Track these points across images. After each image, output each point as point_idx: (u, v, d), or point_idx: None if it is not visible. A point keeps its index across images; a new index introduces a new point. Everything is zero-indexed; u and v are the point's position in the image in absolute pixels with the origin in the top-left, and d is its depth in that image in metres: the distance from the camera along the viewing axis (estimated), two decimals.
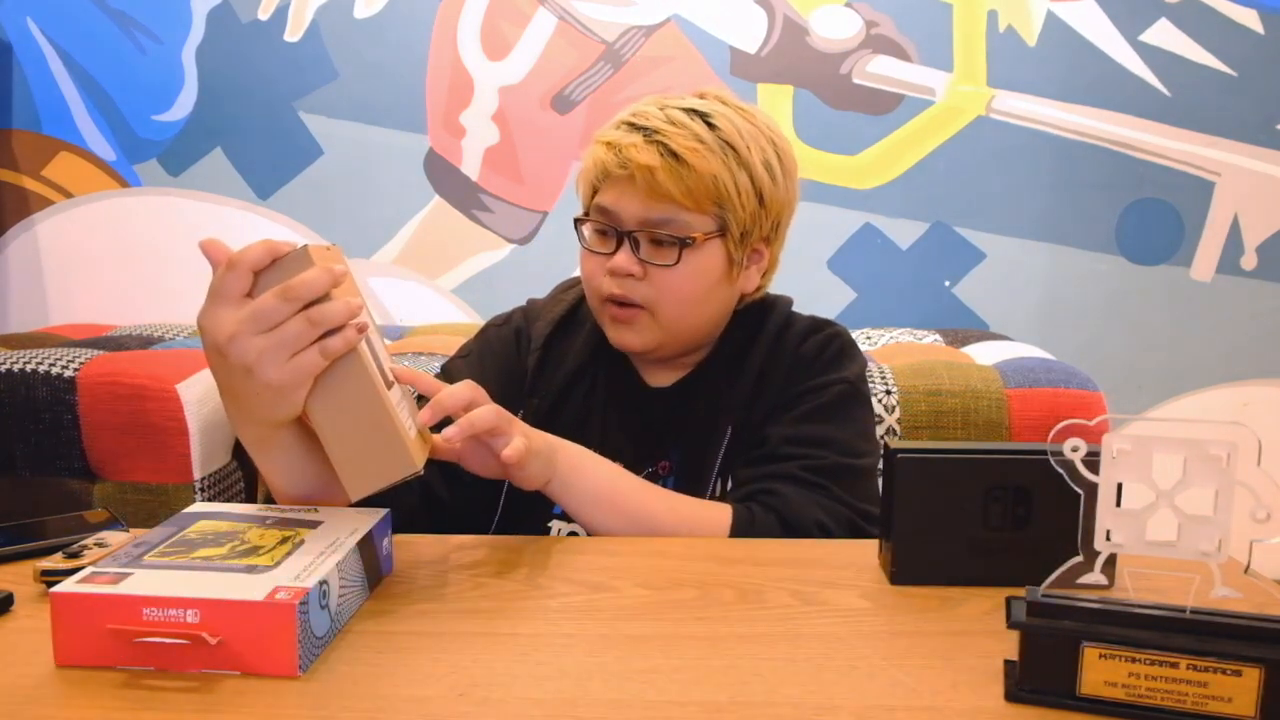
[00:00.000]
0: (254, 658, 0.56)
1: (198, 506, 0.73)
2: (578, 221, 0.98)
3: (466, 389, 0.77)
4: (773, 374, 0.98)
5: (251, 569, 0.60)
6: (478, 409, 0.76)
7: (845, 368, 0.98)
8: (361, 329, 0.66)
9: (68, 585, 0.58)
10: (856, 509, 0.91)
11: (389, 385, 0.69)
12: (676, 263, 0.92)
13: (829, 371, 0.97)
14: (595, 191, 0.96)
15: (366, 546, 0.68)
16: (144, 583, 0.58)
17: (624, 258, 0.93)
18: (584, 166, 0.98)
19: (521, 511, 0.96)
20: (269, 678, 0.56)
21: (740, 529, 0.87)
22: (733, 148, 0.92)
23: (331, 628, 0.62)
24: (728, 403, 0.97)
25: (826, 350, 0.99)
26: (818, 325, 1.01)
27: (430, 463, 0.89)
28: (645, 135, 0.91)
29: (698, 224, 0.92)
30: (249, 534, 0.67)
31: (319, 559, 0.62)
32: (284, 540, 0.66)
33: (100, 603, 0.57)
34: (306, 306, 0.65)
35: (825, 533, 0.88)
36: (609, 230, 0.94)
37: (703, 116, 0.93)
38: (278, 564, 0.61)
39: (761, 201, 0.95)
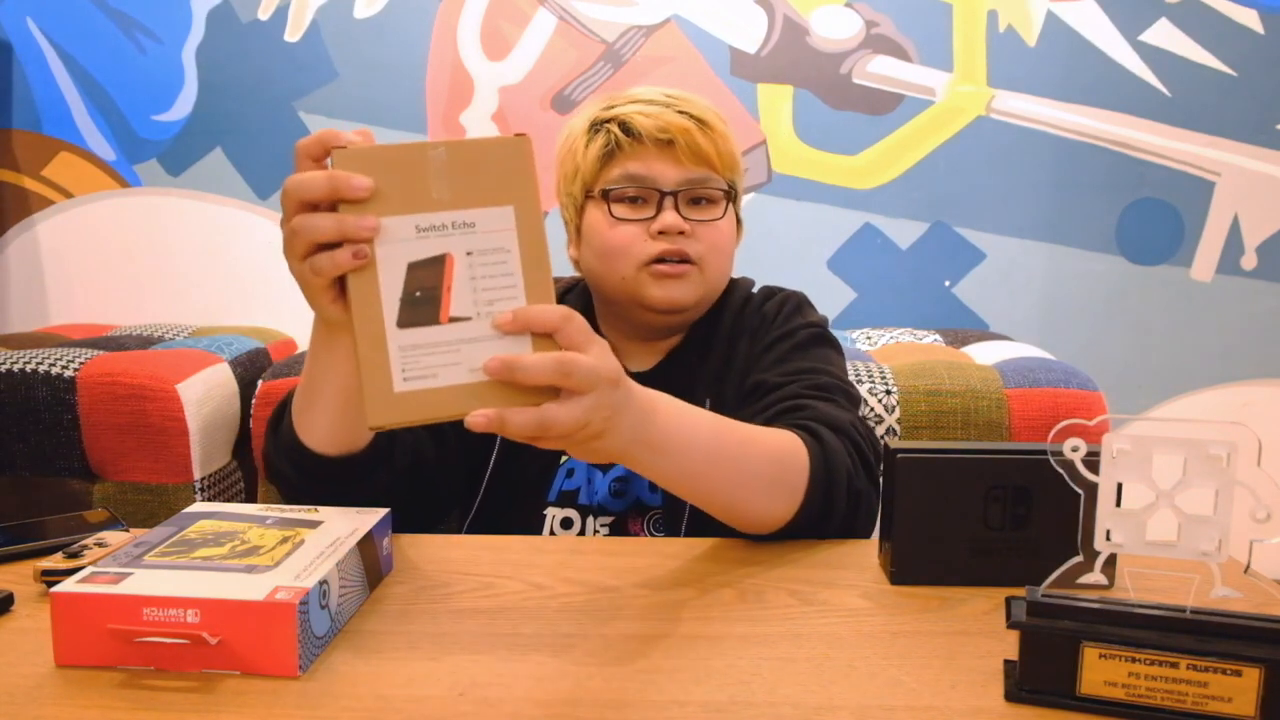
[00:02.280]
0: (254, 657, 0.56)
1: (198, 506, 0.73)
2: (600, 196, 0.98)
3: (557, 315, 0.60)
4: (739, 339, 1.02)
5: (251, 569, 0.60)
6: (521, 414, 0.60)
7: (808, 317, 1.03)
8: (358, 255, 0.58)
9: (68, 585, 0.58)
10: (865, 428, 0.90)
11: (436, 320, 0.59)
12: (723, 216, 0.98)
13: (792, 321, 1.02)
14: (601, 169, 0.98)
15: (366, 546, 0.68)
16: (144, 583, 0.58)
17: (674, 216, 0.96)
18: (582, 149, 0.99)
19: (518, 494, 0.98)
20: (269, 678, 0.56)
21: (818, 472, 0.80)
22: (722, 120, 1.00)
23: (331, 628, 0.62)
24: (703, 377, 1.00)
25: (786, 305, 1.04)
26: (773, 290, 1.07)
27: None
28: (666, 107, 0.97)
29: (721, 184, 0.99)
30: (249, 534, 0.67)
31: (319, 559, 0.62)
32: (284, 540, 0.66)
33: (100, 603, 0.57)
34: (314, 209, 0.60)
35: (859, 436, 0.86)
36: (643, 195, 0.97)
37: (688, 98, 0.99)
38: (278, 564, 0.61)
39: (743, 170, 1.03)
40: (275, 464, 0.82)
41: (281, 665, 0.56)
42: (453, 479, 0.96)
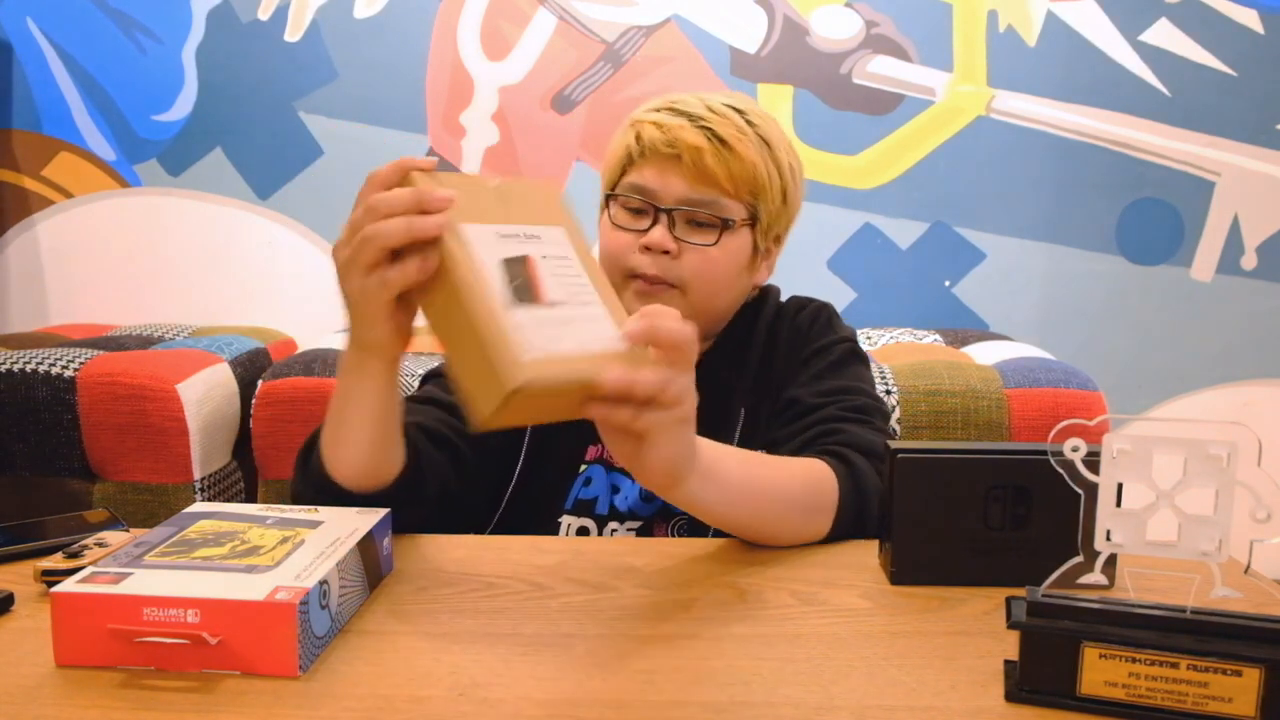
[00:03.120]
0: (254, 657, 0.56)
1: (198, 506, 0.73)
2: (608, 198, 0.98)
3: (689, 332, 0.65)
4: (775, 350, 1.02)
5: (251, 569, 0.60)
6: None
7: (840, 331, 1.04)
8: (442, 226, 0.62)
9: (68, 585, 0.58)
10: None
11: (539, 301, 0.63)
12: (716, 243, 0.95)
13: (826, 335, 1.02)
14: (623, 173, 0.98)
15: (366, 546, 0.68)
16: (144, 583, 0.58)
17: (661, 233, 0.94)
18: (614, 147, 0.99)
19: (534, 503, 0.97)
20: (269, 678, 0.56)
21: (847, 496, 0.83)
22: (768, 144, 0.96)
23: (331, 628, 0.62)
24: (739, 387, 0.99)
25: (819, 319, 1.04)
26: (803, 301, 1.07)
27: (441, 450, 0.88)
28: (690, 120, 0.94)
29: (733, 209, 0.96)
30: (249, 534, 0.67)
31: (319, 559, 0.62)
32: (284, 540, 0.66)
33: (100, 603, 0.57)
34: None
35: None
36: (644, 208, 0.96)
37: (740, 112, 0.96)
38: (278, 564, 0.61)
39: (785, 199, 0.99)
40: (305, 497, 0.81)
41: (282, 665, 0.56)
42: (476, 505, 0.96)
